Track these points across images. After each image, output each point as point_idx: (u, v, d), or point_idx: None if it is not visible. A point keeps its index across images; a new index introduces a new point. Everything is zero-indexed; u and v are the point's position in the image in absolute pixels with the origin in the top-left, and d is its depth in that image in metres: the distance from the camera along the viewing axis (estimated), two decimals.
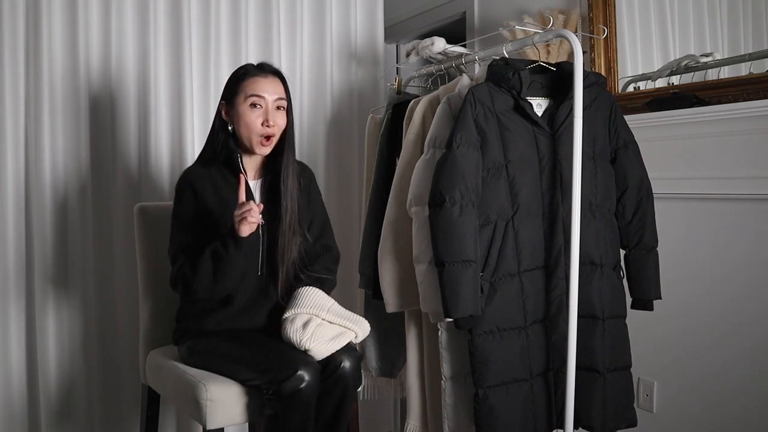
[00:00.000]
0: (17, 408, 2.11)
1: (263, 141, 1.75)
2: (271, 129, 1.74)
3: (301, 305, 1.72)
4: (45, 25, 2.09)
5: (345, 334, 1.72)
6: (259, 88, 1.74)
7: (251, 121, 1.74)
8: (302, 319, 1.69)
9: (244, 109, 1.74)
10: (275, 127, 1.75)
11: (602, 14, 2.29)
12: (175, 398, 1.82)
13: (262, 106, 1.74)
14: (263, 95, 1.74)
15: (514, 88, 1.79)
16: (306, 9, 2.61)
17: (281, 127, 1.77)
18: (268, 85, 1.75)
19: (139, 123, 2.28)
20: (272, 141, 1.77)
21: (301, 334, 1.66)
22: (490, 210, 1.77)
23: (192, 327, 1.81)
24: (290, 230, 1.80)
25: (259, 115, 1.74)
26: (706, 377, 2.08)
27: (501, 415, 1.75)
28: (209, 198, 1.77)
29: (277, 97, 1.76)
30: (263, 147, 1.76)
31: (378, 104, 2.62)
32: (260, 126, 1.74)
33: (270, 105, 1.75)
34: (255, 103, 1.74)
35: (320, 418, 1.69)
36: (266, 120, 1.74)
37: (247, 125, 1.75)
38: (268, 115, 1.74)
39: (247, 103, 1.74)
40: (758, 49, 1.93)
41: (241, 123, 1.75)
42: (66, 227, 2.15)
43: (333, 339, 1.69)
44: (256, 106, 1.74)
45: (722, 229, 2.02)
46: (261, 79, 1.76)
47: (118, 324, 2.23)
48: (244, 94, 1.75)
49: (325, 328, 1.69)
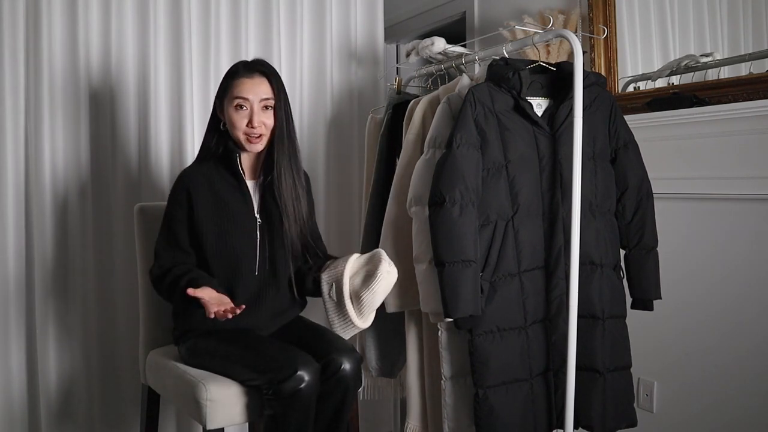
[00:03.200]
0: (17, 408, 2.11)
1: (251, 139, 1.77)
2: (256, 129, 1.76)
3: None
4: (45, 25, 2.09)
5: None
6: (243, 90, 1.76)
7: (236, 122, 1.77)
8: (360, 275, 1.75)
9: (230, 110, 1.77)
10: (261, 127, 1.77)
11: (602, 14, 2.29)
12: (175, 398, 1.82)
13: (247, 108, 1.76)
14: (247, 97, 1.76)
15: (514, 88, 1.79)
16: (306, 9, 2.60)
17: (269, 126, 1.79)
18: (253, 87, 1.76)
19: (139, 123, 2.28)
20: (262, 139, 1.79)
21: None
22: (490, 210, 1.77)
23: (190, 326, 1.81)
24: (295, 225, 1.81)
25: (243, 117, 1.76)
26: (706, 377, 2.08)
27: (501, 415, 1.75)
28: (204, 195, 1.78)
29: (262, 97, 1.77)
30: (252, 144, 1.78)
31: (378, 104, 2.62)
32: (245, 127, 1.76)
33: (255, 106, 1.76)
34: (240, 104, 1.76)
35: (320, 419, 1.69)
36: (251, 121, 1.76)
37: (233, 125, 1.77)
38: (253, 116, 1.76)
39: (233, 105, 1.77)
40: (758, 49, 1.93)
41: (229, 123, 1.79)
42: (66, 227, 2.15)
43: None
44: (241, 108, 1.76)
45: (722, 229, 2.02)
46: (246, 80, 1.77)
47: (118, 324, 2.23)
48: (230, 96, 1.77)
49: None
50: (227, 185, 1.79)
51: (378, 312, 2.14)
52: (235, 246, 1.78)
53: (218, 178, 1.80)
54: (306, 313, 1.99)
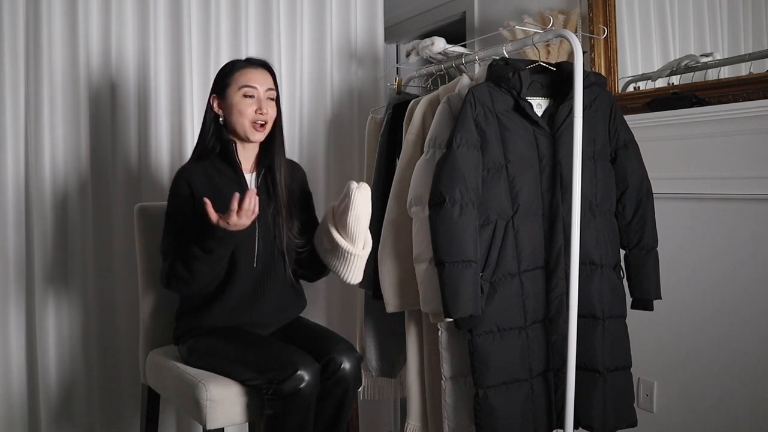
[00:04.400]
0: (17, 408, 2.11)
1: (257, 127, 1.80)
2: (264, 116, 1.80)
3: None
4: (45, 24, 2.09)
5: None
6: (251, 78, 1.80)
7: (244, 109, 1.78)
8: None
9: (237, 98, 1.79)
10: (268, 115, 1.80)
11: (602, 14, 2.29)
12: (175, 398, 1.82)
13: (255, 96, 1.79)
14: (255, 86, 1.79)
15: (514, 88, 1.79)
16: (306, 9, 2.61)
17: (272, 116, 1.83)
18: (260, 76, 1.81)
19: (139, 122, 2.28)
20: (266, 127, 1.81)
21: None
22: (490, 210, 1.77)
23: (192, 325, 1.81)
24: (289, 218, 1.83)
25: (252, 104, 1.79)
26: (706, 377, 2.08)
27: (501, 415, 1.75)
28: (205, 190, 1.78)
29: (267, 87, 1.81)
30: (257, 133, 1.80)
31: (378, 104, 2.62)
32: (254, 113, 1.79)
33: (262, 95, 1.80)
34: (248, 93, 1.79)
35: (320, 419, 1.69)
36: (259, 108, 1.79)
37: (240, 112, 1.79)
38: (261, 104, 1.79)
39: (240, 93, 1.79)
40: (758, 49, 1.93)
41: (234, 111, 1.79)
42: (66, 227, 2.15)
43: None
44: (249, 96, 1.79)
45: (722, 229, 2.02)
46: (252, 70, 1.81)
47: (118, 324, 2.23)
48: (236, 85, 1.79)
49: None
50: (226, 179, 1.81)
51: (378, 312, 2.15)
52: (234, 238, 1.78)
53: (216, 173, 1.82)
54: (306, 313, 2.00)
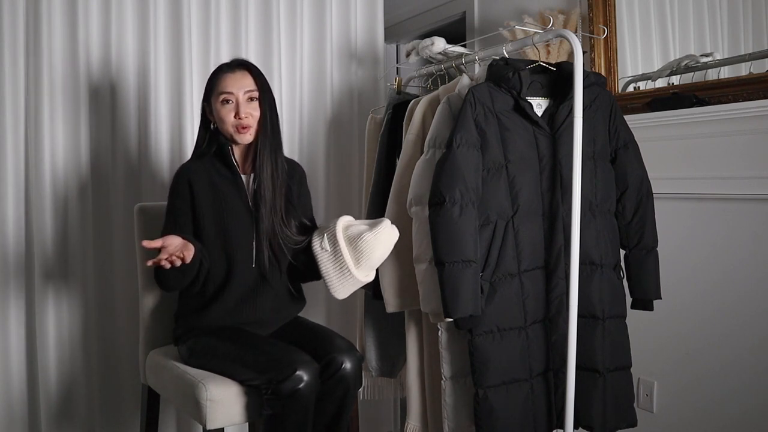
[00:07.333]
0: (17, 408, 2.11)
1: (240, 129, 1.81)
2: (244, 120, 1.80)
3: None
4: (45, 24, 2.09)
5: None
6: (227, 85, 1.81)
7: (225, 116, 1.81)
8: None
9: (218, 106, 1.81)
10: (248, 118, 1.81)
11: (602, 14, 2.29)
12: (175, 398, 1.82)
13: (232, 101, 1.80)
14: (231, 91, 1.80)
15: (514, 88, 1.79)
16: (306, 9, 2.60)
17: (256, 117, 1.83)
18: (236, 81, 1.81)
19: (139, 122, 2.28)
20: (250, 129, 1.82)
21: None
22: (490, 210, 1.77)
23: (191, 325, 1.82)
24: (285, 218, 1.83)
25: (230, 110, 1.81)
26: (706, 377, 2.08)
27: (501, 415, 1.75)
28: (204, 188, 1.81)
29: (245, 90, 1.81)
30: (241, 135, 1.81)
31: (378, 104, 2.62)
32: (233, 119, 1.80)
33: (240, 98, 1.81)
34: (226, 99, 1.80)
35: (321, 419, 1.69)
36: (237, 113, 1.80)
37: (222, 120, 1.81)
38: (239, 108, 1.80)
39: (219, 101, 1.81)
40: (758, 49, 1.93)
41: (218, 119, 1.83)
42: (66, 226, 2.15)
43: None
44: (227, 102, 1.81)
45: (722, 229, 2.02)
46: (229, 75, 1.82)
47: (118, 324, 2.23)
48: (216, 93, 1.82)
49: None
50: (224, 179, 1.83)
51: (378, 312, 2.15)
52: (232, 238, 1.80)
53: (215, 172, 1.84)
54: (306, 313, 2.00)
